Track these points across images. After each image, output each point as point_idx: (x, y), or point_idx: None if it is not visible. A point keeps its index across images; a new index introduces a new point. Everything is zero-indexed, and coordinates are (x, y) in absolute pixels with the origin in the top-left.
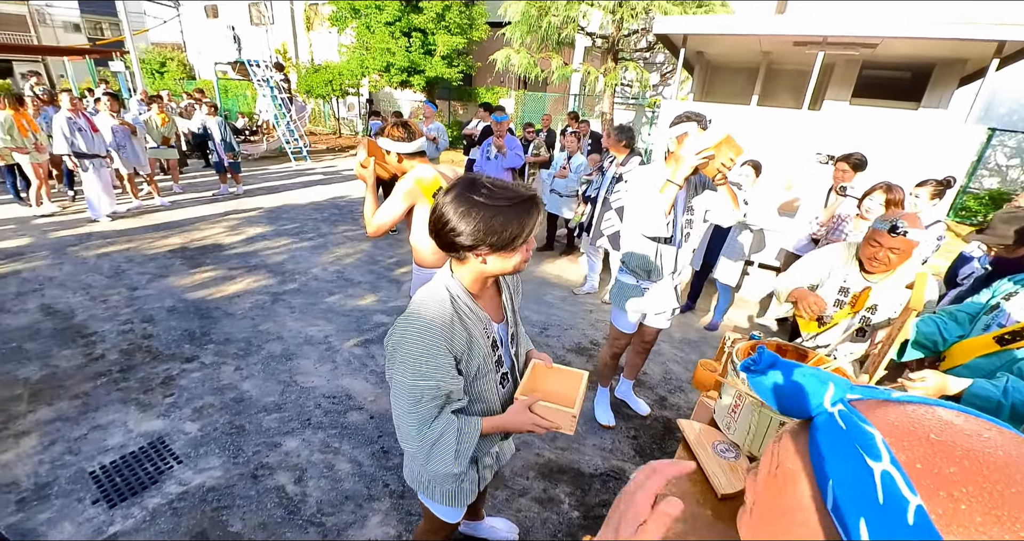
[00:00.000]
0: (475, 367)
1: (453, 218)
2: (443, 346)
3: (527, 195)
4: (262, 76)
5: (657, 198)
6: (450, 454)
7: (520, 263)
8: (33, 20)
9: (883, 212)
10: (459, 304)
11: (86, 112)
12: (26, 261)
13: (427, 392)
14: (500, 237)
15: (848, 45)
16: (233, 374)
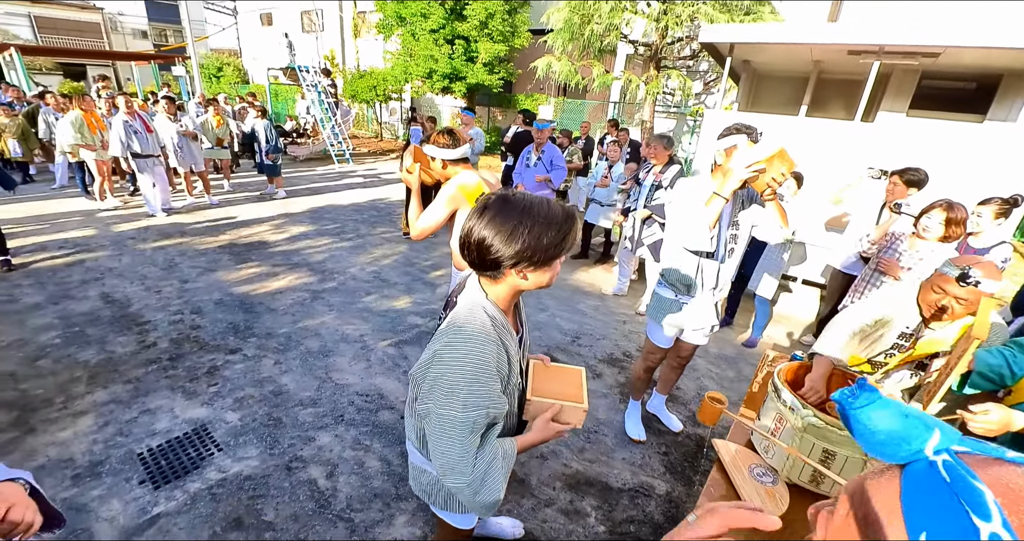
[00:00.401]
0: (512, 385)
1: (495, 240)
2: (493, 372)
3: (567, 212)
4: (311, 81)
5: (702, 211)
6: (500, 478)
7: (554, 277)
8: (106, 27)
9: (942, 232)
10: (497, 325)
11: (142, 115)
12: (90, 251)
13: (479, 422)
14: (543, 254)
15: (907, 54)
16: (273, 367)
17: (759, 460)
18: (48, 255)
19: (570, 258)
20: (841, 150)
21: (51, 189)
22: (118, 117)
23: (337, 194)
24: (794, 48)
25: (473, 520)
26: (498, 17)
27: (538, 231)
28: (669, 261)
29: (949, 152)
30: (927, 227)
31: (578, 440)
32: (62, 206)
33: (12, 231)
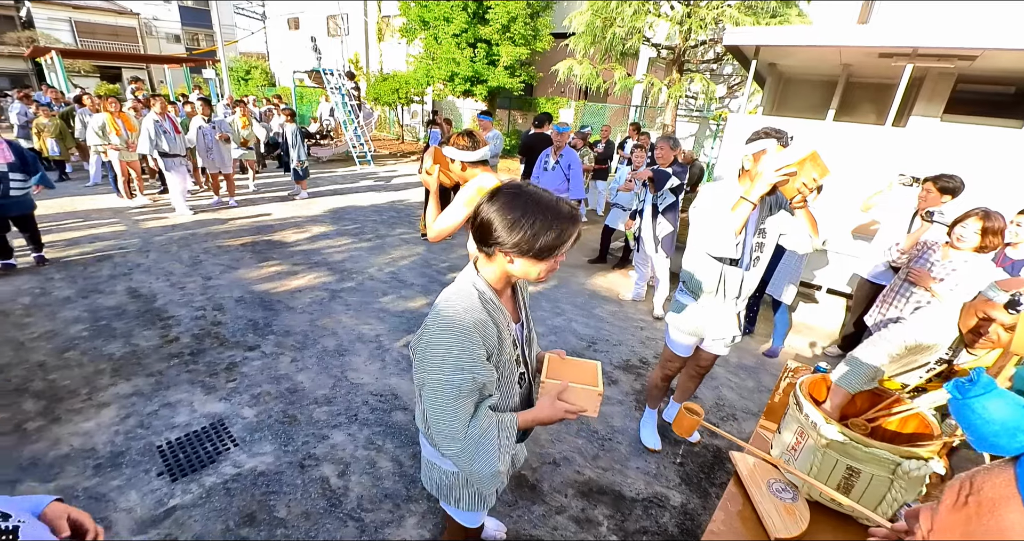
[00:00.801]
0: (504, 362)
1: (498, 225)
2: (477, 339)
3: (571, 215)
4: (335, 84)
5: (728, 216)
6: (495, 451)
7: (543, 273)
8: (141, 32)
9: (978, 242)
10: (486, 300)
11: (171, 116)
12: (119, 248)
13: (464, 386)
14: (537, 250)
15: (942, 57)
16: (290, 365)
17: (778, 474)
18: (80, 250)
19: (588, 262)
20: (871, 156)
21: (85, 187)
22: (149, 117)
23: (358, 195)
24: (822, 51)
25: (480, 518)
26: (520, 21)
27: (538, 228)
28: (691, 267)
29: (986, 159)
30: (962, 236)
31: (591, 447)
32: (95, 203)
33: (47, 226)
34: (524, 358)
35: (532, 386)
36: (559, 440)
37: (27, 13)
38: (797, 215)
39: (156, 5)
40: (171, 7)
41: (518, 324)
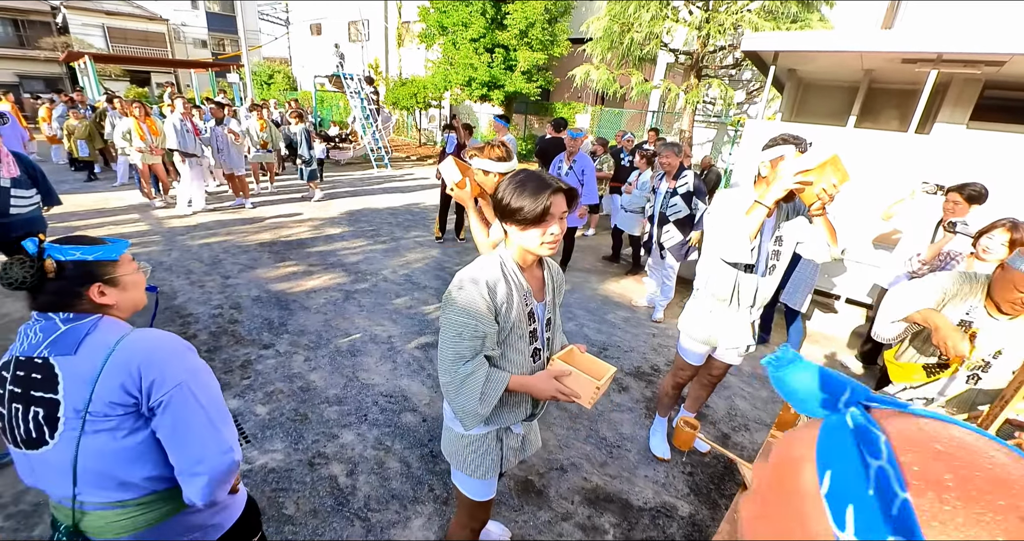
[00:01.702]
0: (511, 323)
1: (499, 190)
2: (485, 292)
3: (551, 183)
4: (354, 88)
5: (743, 221)
6: (476, 392)
7: (540, 246)
8: (170, 37)
9: (1005, 254)
10: (506, 267)
11: (192, 117)
12: (143, 246)
13: (467, 329)
14: (518, 210)
15: (968, 63)
16: (303, 364)
17: None
18: None
19: (602, 260)
20: (893, 163)
21: (112, 186)
22: (175, 115)
23: (374, 197)
24: (843, 56)
25: (486, 491)
26: (538, 26)
27: (517, 193)
28: (705, 273)
29: (1014, 167)
30: (988, 248)
31: (600, 454)
32: (122, 203)
33: (77, 224)
34: (541, 336)
35: (546, 364)
36: (567, 446)
37: (63, 19)
38: (815, 223)
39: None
40: (199, 13)
41: (542, 302)
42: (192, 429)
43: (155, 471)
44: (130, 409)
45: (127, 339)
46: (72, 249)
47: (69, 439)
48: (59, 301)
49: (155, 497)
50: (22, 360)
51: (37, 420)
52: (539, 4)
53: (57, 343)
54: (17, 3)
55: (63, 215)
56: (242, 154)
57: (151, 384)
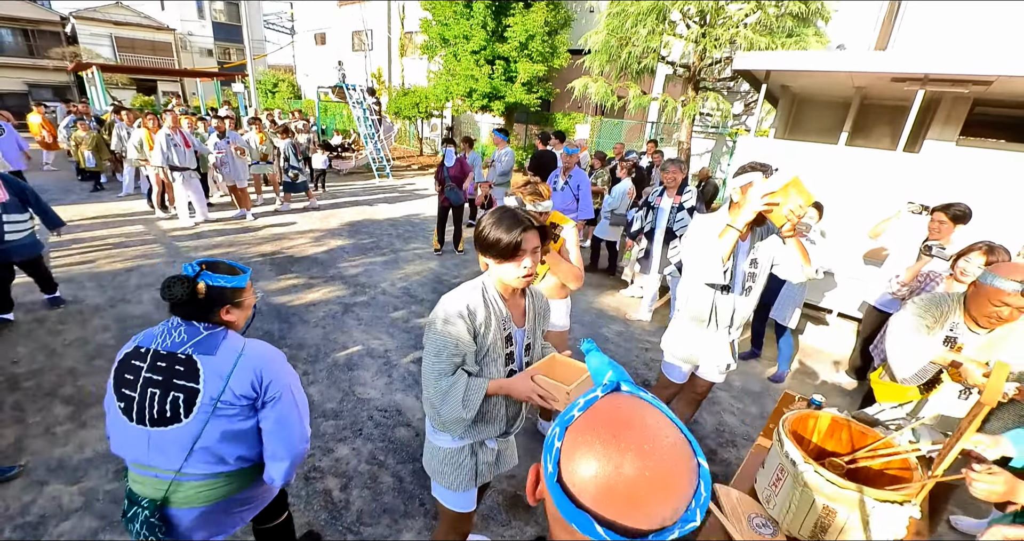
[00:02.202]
0: (487, 345)
1: (479, 226)
2: (467, 316)
3: (525, 219)
4: (357, 98)
5: (716, 243)
6: (459, 399)
7: (510, 273)
8: (176, 46)
9: None
10: (487, 293)
11: (183, 131)
12: (147, 257)
13: (447, 347)
14: (493, 246)
15: (956, 82)
16: (301, 378)
17: (760, 509)
18: (110, 259)
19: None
20: (883, 181)
21: (118, 196)
22: (162, 131)
23: (375, 208)
24: (834, 73)
25: (465, 503)
26: (538, 38)
27: (491, 229)
28: (684, 295)
29: (1004, 184)
30: (965, 270)
31: None
32: (127, 213)
33: (83, 235)
34: (519, 359)
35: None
36: None
37: (72, 29)
38: (788, 244)
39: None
40: (205, 23)
41: (521, 329)
42: (289, 422)
43: (247, 452)
44: (250, 401)
45: (248, 346)
46: (219, 277)
47: (200, 420)
48: (200, 314)
49: (238, 473)
50: (163, 354)
51: (176, 403)
52: (539, 17)
53: (201, 345)
54: (28, 14)
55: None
56: (246, 166)
57: (268, 384)
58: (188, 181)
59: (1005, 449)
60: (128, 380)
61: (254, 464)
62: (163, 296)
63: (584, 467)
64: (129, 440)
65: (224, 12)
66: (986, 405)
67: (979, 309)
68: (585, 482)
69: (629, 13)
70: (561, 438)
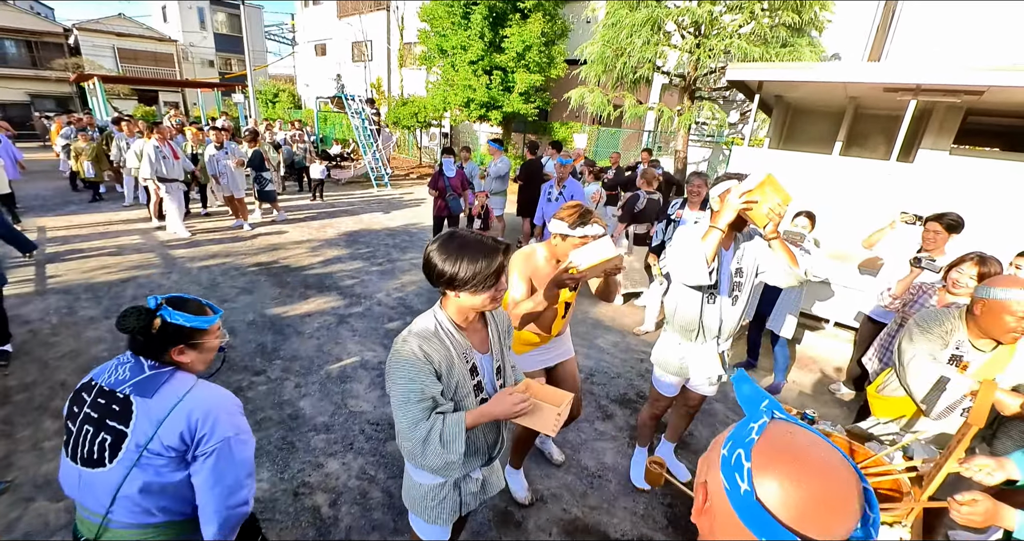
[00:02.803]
0: (455, 383)
1: (439, 268)
2: (423, 357)
3: (493, 246)
4: (355, 108)
5: (699, 245)
6: (438, 448)
7: (487, 301)
8: (178, 57)
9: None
10: (442, 328)
11: (171, 143)
12: (143, 268)
13: (413, 395)
14: (470, 281)
15: (948, 92)
16: (293, 390)
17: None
18: (106, 270)
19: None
20: (877, 191)
21: (123, 206)
22: (150, 143)
23: (373, 217)
24: (827, 84)
25: (442, 535)
26: (535, 49)
27: (467, 264)
28: (672, 305)
29: (998, 193)
30: (957, 281)
31: (580, 484)
32: (126, 224)
33: (80, 246)
34: (489, 386)
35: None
36: (548, 476)
37: (75, 41)
38: (773, 247)
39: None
40: (207, 34)
41: (487, 355)
42: (223, 481)
43: (179, 506)
44: (180, 453)
45: (191, 392)
46: (178, 314)
47: (123, 467)
48: (150, 350)
49: (170, 525)
50: (106, 390)
51: (103, 445)
52: (536, 28)
53: (140, 385)
54: (31, 25)
55: (66, 237)
56: (243, 177)
57: (202, 437)
58: (175, 193)
59: (1011, 472)
60: (74, 413)
61: (190, 518)
62: (117, 326)
63: (786, 486)
64: (67, 474)
65: (226, 23)
66: (973, 425)
67: (995, 326)
68: (787, 500)
69: (625, 24)
70: (748, 458)
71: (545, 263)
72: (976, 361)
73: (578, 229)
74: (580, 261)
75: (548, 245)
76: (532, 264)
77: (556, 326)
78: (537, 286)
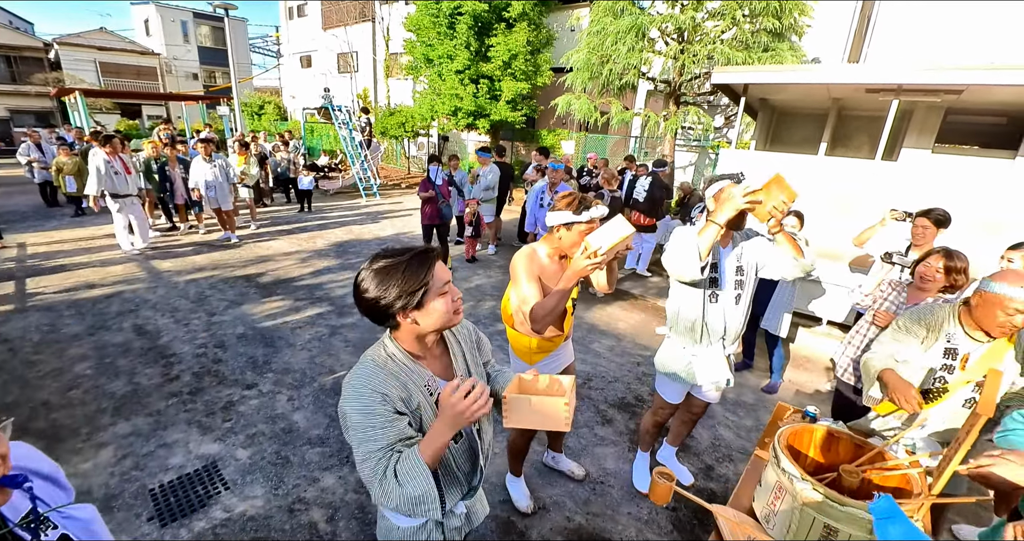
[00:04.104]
0: (419, 419)
1: (372, 289)
2: (377, 399)
3: (417, 250)
4: (343, 119)
5: (695, 238)
6: (397, 487)
7: (447, 314)
8: (161, 71)
9: (943, 280)
10: (396, 362)
11: (122, 157)
12: (128, 284)
13: (365, 443)
14: (415, 294)
15: (928, 92)
16: (286, 404)
17: (759, 533)
18: (90, 285)
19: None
20: (863, 190)
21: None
22: (99, 156)
23: (363, 227)
24: (811, 86)
25: None
26: (521, 57)
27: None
28: (674, 308)
29: (978, 190)
30: (924, 275)
31: (583, 491)
32: (111, 239)
33: (63, 261)
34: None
35: (475, 440)
36: (551, 484)
37: (55, 55)
38: (777, 240)
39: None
40: (191, 47)
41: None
42: None
43: None
44: None
45: None
46: None
47: None
48: None
49: None
50: None
51: None
52: (521, 37)
53: None
54: (10, 41)
55: (48, 253)
56: (229, 189)
57: None
58: (130, 207)
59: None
60: None
61: None
62: None
63: None
64: None
65: (210, 36)
66: (983, 416)
67: (989, 320)
68: None
69: (609, 32)
70: None
71: (550, 261)
72: (976, 351)
73: (584, 214)
74: (600, 243)
75: (548, 241)
76: (537, 263)
77: (567, 323)
78: (548, 283)
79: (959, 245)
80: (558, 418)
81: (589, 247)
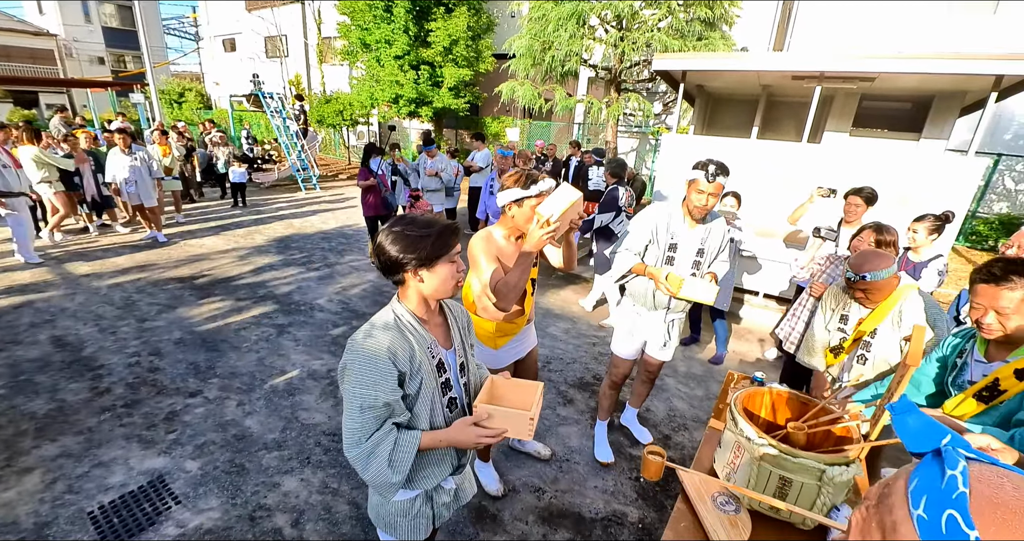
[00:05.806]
0: (418, 382)
1: (387, 245)
2: (387, 359)
3: (445, 223)
4: (275, 107)
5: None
6: (385, 461)
7: (448, 280)
8: (60, 54)
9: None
10: (402, 322)
11: (6, 148)
12: (40, 291)
13: (367, 400)
14: (423, 252)
15: (845, 79)
16: (236, 409)
17: (722, 488)
18: None
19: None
20: (792, 170)
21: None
22: None
23: (304, 221)
24: (743, 73)
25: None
26: (462, 43)
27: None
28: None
29: (889, 169)
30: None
31: (550, 470)
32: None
33: None
34: (456, 383)
35: (466, 411)
36: (519, 466)
37: None
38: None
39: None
40: (93, 28)
41: (450, 350)
42: None
43: None
44: None
45: None
46: None
47: None
48: None
49: None
50: None
51: None
52: (461, 22)
53: None
54: None
55: None
56: (152, 184)
57: None
58: (22, 209)
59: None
60: None
61: None
62: None
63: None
64: None
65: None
66: (911, 366)
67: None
68: None
69: (550, 18)
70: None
71: (506, 242)
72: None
73: (532, 188)
74: (549, 211)
75: (502, 223)
76: (494, 245)
77: (528, 303)
78: (507, 264)
79: (874, 216)
80: (522, 430)
81: (541, 217)
